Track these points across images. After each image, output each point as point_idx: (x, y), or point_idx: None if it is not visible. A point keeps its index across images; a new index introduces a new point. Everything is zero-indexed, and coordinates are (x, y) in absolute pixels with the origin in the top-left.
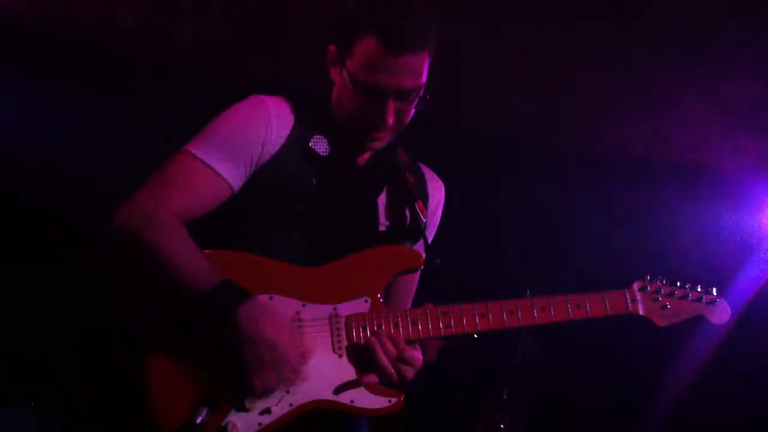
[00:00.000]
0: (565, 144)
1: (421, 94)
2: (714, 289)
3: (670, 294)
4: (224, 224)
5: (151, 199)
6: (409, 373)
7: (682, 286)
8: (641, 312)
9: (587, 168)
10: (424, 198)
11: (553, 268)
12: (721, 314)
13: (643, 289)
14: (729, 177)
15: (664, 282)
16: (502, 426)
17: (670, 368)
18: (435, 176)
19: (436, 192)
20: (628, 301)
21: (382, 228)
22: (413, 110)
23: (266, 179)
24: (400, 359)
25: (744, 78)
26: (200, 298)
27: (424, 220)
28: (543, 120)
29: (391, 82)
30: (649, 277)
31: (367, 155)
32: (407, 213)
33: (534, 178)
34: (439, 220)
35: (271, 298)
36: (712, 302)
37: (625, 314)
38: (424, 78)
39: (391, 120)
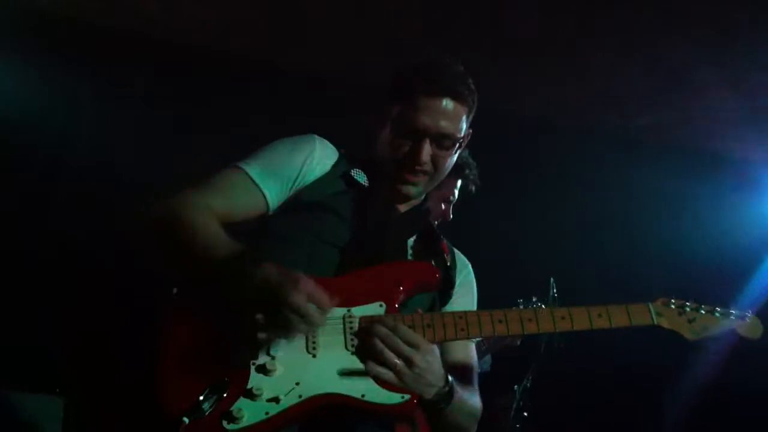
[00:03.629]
0: (588, 129)
1: (457, 147)
2: (747, 310)
3: (696, 309)
4: (258, 243)
5: (190, 195)
6: (417, 359)
7: (709, 305)
8: (666, 325)
9: (610, 153)
10: (453, 267)
11: (576, 257)
12: (754, 329)
13: (667, 304)
14: (753, 165)
15: (689, 301)
16: (525, 414)
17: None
18: (461, 256)
19: (464, 268)
20: (653, 314)
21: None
22: (449, 162)
23: (308, 197)
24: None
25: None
26: (225, 263)
27: (448, 263)
28: (565, 106)
29: (429, 123)
30: (673, 300)
31: (403, 206)
32: (433, 257)
33: (558, 163)
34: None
35: None
36: (742, 317)
37: (650, 326)
38: (460, 131)
39: (424, 158)
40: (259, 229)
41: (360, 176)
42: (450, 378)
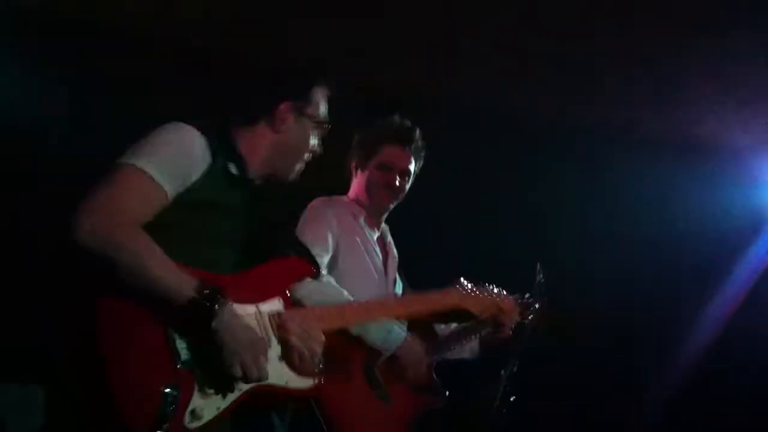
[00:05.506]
0: (571, 125)
1: None
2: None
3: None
4: (159, 242)
5: (111, 208)
6: (316, 347)
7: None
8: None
9: (594, 148)
10: None
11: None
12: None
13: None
14: (737, 155)
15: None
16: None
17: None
18: None
19: None
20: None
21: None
22: None
23: (198, 194)
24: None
25: (749, 56)
26: (184, 298)
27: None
28: (549, 102)
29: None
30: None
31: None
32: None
33: (541, 160)
34: None
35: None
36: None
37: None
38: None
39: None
40: (156, 225)
41: (234, 169)
42: None
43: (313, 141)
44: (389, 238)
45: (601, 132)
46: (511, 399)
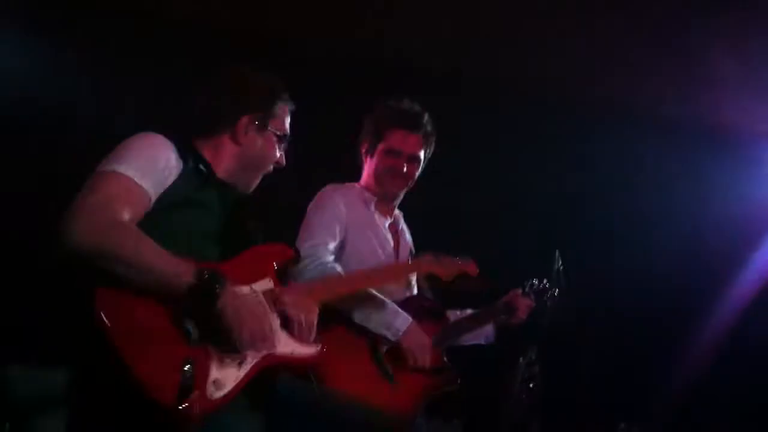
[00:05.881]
0: (589, 101)
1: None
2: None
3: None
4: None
5: (101, 210)
6: (312, 317)
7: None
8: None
9: (613, 128)
10: None
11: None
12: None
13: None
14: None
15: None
16: (531, 385)
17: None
18: None
19: None
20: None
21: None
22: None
23: (175, 195)
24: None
25: None
26: (186, 285)
27: None
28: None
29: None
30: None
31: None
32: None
33: (558, 137)
34: None
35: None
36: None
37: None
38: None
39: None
40: (139, 226)
41: (204, 169)
42: None
43: (277, 154)
44: (402, 225)
45: (625, 112)
46: (531, 386)
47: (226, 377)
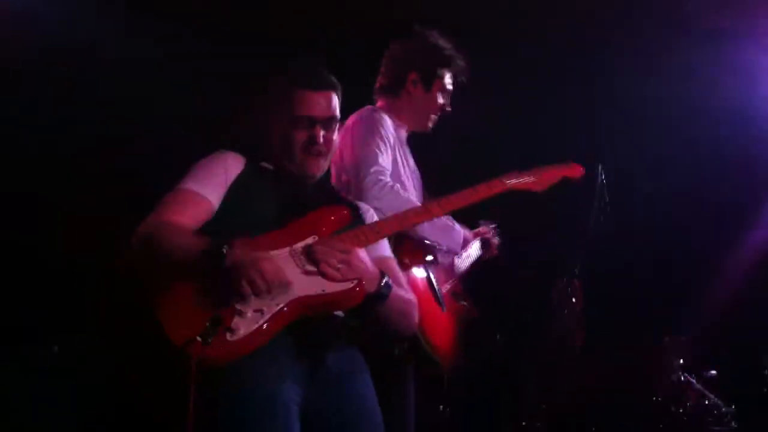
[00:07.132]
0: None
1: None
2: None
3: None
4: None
5: (159, 216)
6: (353, 258)
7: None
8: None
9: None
10: (358, 209)
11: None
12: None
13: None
14: None
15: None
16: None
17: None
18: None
19: (367, 211)
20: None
21: None
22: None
23: (237, 191)
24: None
25: None
26: (202, 253)
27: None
28: None
29: (318, 112)
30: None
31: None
32: None
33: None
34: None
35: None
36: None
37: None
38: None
39: (321, 140)
40: (213, 226)
41: (266, 165)
42: (384, 274)
43: (313, 136)
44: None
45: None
46: (573, 300)
47: (240, 324)
